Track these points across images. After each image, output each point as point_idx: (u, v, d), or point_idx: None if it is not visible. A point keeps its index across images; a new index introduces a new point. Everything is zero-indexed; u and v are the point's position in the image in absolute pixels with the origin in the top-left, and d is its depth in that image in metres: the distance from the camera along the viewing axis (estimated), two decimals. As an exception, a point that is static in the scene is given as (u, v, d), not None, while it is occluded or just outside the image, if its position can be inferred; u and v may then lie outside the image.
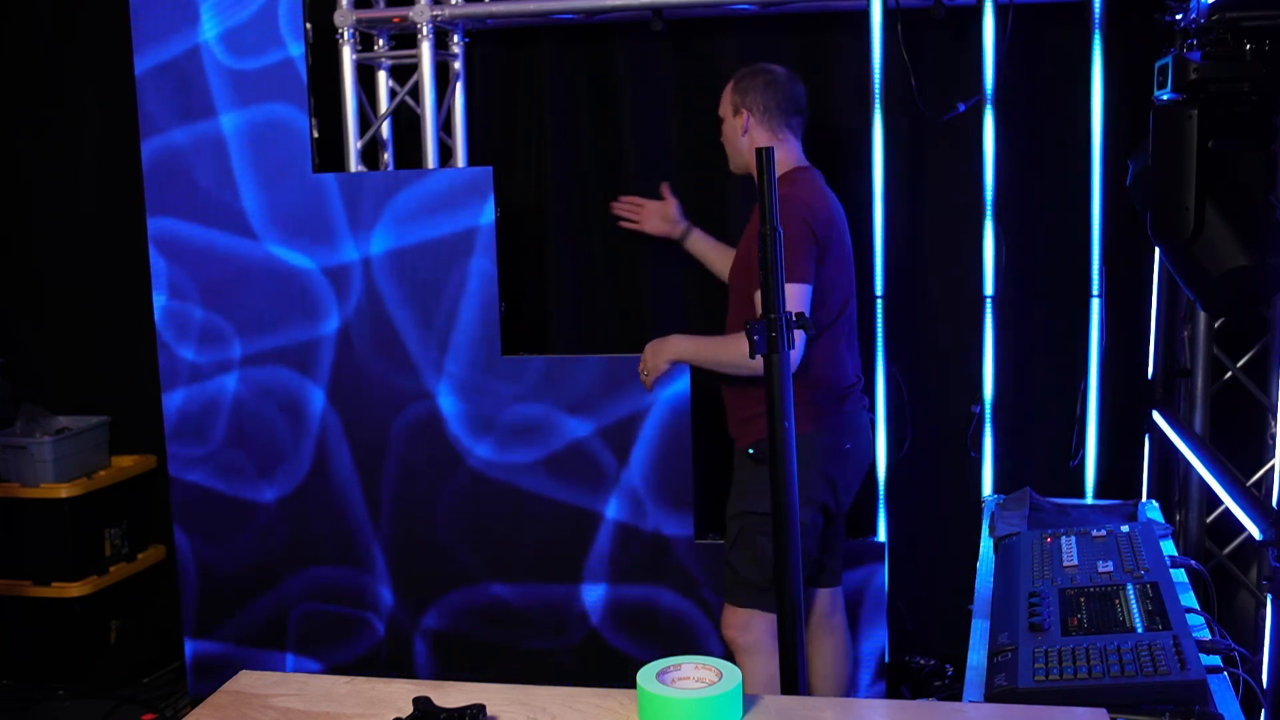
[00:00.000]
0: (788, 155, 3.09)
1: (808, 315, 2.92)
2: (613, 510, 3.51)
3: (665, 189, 3.50)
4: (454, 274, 3.49)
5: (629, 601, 3.56)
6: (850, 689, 3.34)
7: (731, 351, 2.97)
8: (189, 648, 3.81)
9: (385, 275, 3.53)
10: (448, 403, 3.55)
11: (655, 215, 3.50)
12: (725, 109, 3.17)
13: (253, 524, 3.72)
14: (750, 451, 3.06)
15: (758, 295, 2.87)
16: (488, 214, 3.44)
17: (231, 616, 3.77)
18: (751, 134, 3.10)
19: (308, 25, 3.55)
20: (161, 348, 3.69)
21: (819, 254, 2.95)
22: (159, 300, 3.68)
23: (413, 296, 3.52)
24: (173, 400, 3.71)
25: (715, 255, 3.46)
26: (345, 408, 3.62)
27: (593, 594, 3.57)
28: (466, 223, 3.46)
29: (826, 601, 3.24)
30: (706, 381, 3.28)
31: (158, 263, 3.66)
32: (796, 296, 2.89)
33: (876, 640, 3.55)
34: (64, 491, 3.97)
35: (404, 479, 3.62)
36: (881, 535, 3.57)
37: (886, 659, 3.59)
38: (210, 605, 3.78)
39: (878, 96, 3.41)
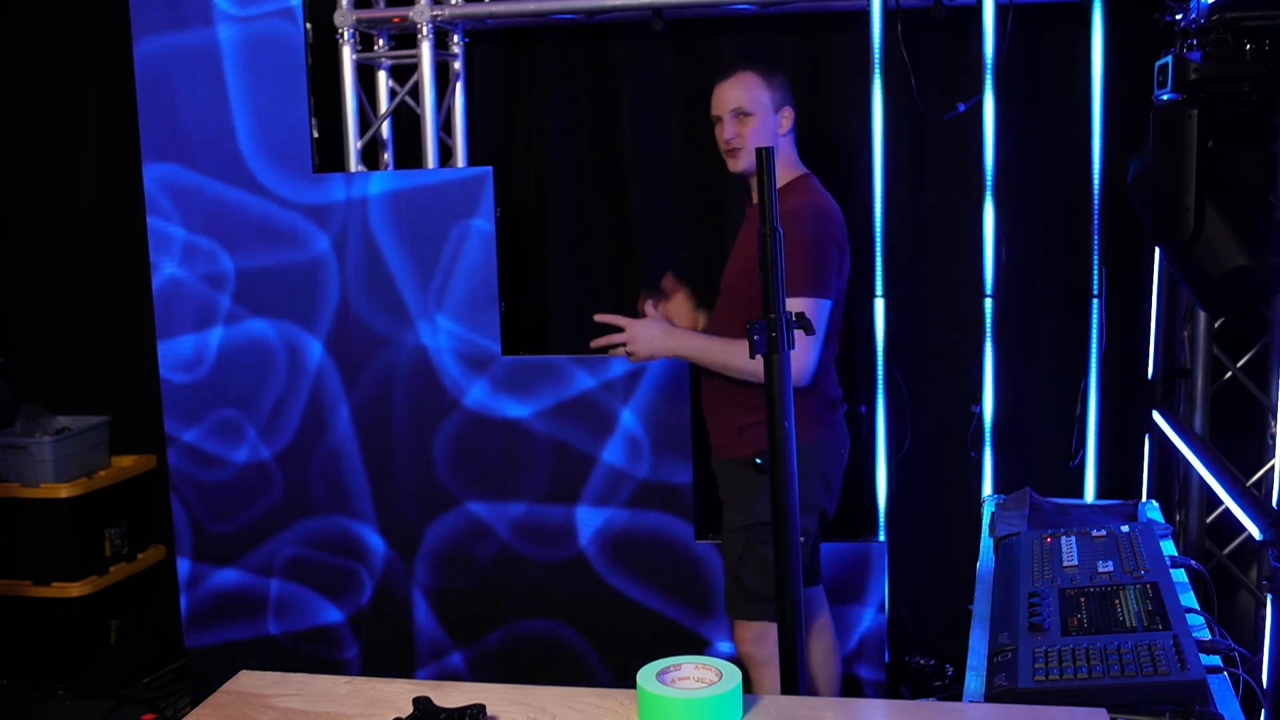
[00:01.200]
0: (795, 159, 3.06)
1: (825, 330, 2.88)
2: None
3: (668, 282, 3.24)
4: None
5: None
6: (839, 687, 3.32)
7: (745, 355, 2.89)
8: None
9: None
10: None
11: (681, 309, 3.21)
12: (757, 103, 2.94)
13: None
14: (758, 461, 2.93)
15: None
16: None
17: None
18: (788, 135, 3.01)
19: (308, 25, 3.55)
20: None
21: (839, 265, 2.92)
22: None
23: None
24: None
25: None
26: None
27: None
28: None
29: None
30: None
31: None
32: (820, 313, 2.82)
33: (876, 640, 3.55)
34: (64, 491, 3.97)
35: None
36: (881, 535, 3.57)
37: (887, 659, 3.59)
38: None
39: (878, 96, 3.41)
